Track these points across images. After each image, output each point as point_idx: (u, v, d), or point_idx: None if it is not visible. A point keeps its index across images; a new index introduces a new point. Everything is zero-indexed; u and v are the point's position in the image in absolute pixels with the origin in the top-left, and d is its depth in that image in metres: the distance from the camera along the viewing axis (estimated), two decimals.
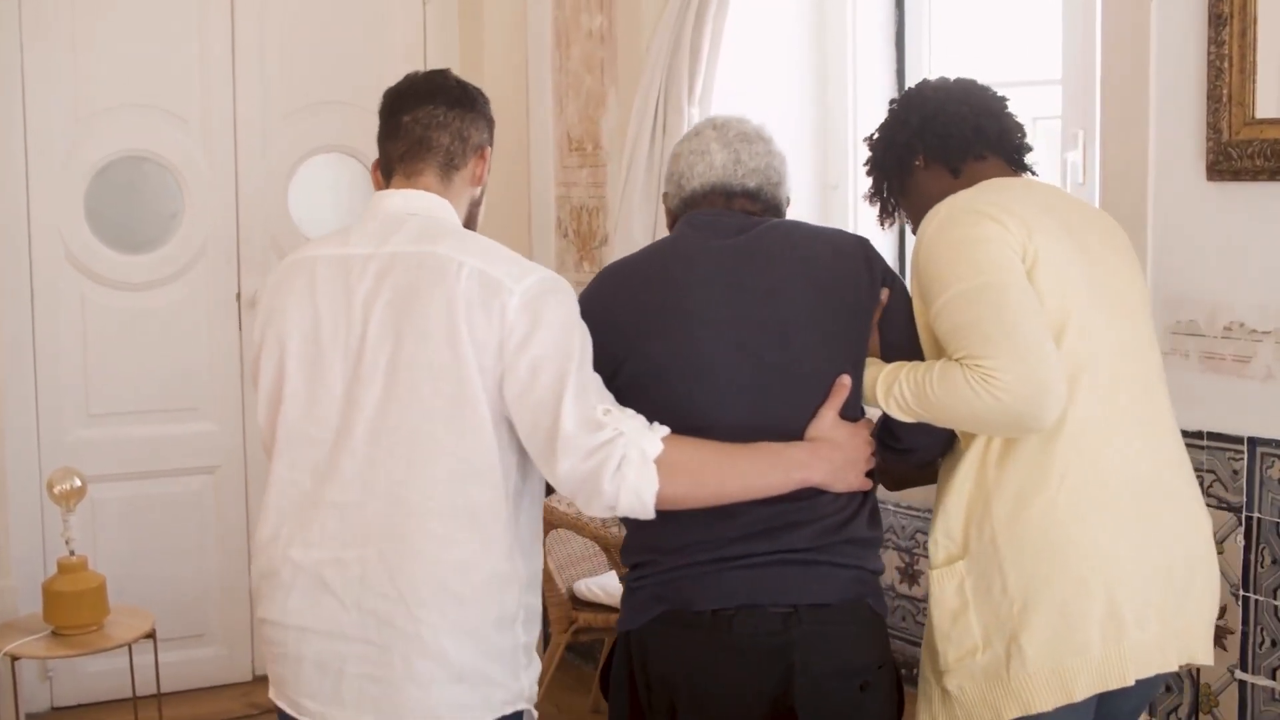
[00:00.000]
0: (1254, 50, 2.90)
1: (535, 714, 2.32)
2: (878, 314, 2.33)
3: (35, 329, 4.52)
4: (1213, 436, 3.10)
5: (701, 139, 2.46)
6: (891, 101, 2.63)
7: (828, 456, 2.23)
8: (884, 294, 2.33)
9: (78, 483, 4.03)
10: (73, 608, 3.97)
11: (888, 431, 2.35)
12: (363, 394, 2.16)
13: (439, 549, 2.14)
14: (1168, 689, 3.24)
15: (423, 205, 2.29)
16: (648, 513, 2.12)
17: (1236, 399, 3.05)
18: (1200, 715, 3.18)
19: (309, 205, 4.85)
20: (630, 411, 2.16)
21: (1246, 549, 3.06)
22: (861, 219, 4.65)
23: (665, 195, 2.53)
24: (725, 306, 2.26)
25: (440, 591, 2.14)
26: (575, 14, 4.80)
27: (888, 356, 2.33)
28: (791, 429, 2.26)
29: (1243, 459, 3.05)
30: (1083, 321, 2.25)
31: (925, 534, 2.99)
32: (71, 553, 4.02)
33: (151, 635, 4.06)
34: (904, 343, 2.33)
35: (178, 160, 4.65)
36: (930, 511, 2.43)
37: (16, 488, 4.46)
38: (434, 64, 4.89)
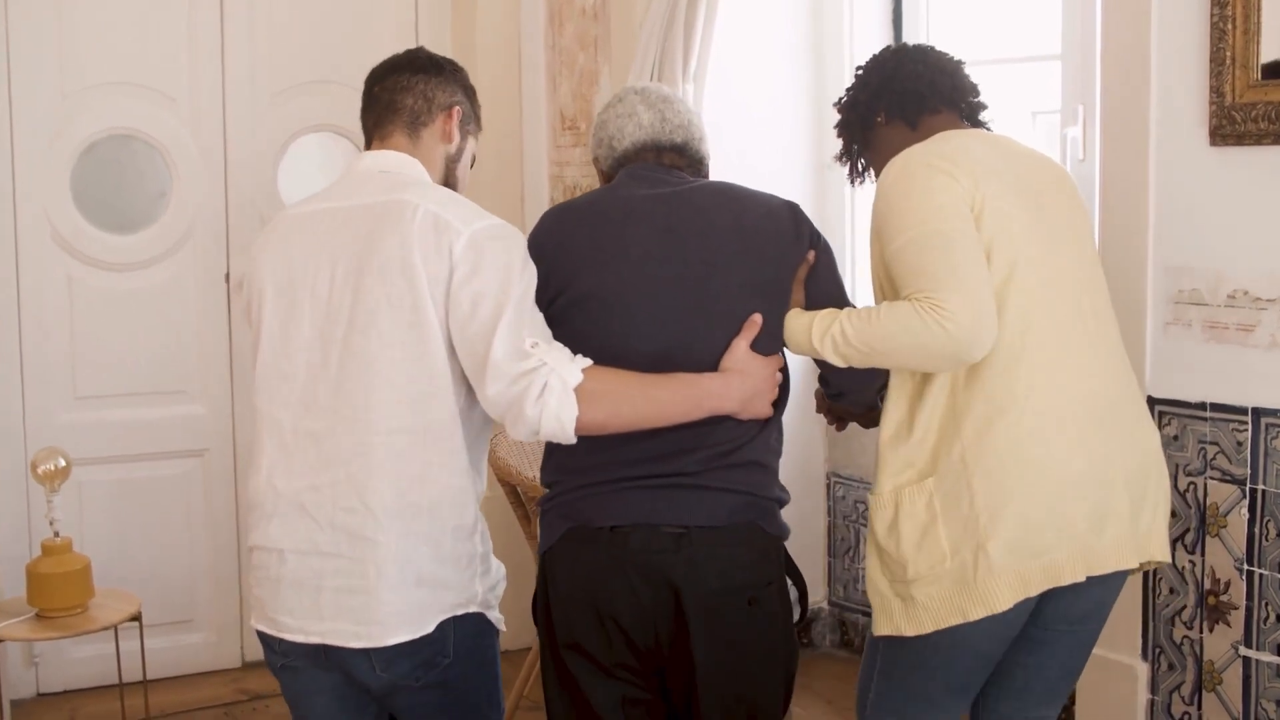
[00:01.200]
0: (1258, 10, 2.85)
1: (500, 618, 2.50)
2: (803, 271, 2.50)
3: (20, 310, 4.44)
4: (1216, 408, 3.05)
5: (626, 104, 2.66)
6: (857, 68, 2.82)
7: (738, 386, 2.41)
8: (810, 254, 2.51)
9: (62, 463, 3.96)
10: (57, 589, 3.90)
11: (820, 377, 2.60)
12: (333, 329, 2.36)
13: (400, 464, 2.33)
14: (1170, 667, 3.18)
15: (393, 163, 2.51)
16: (568, 437, 2.31)
17: (1240, 369, 3.00)
18: (1204, 693, 3.13)
19: (299, 185, 4.75)
20: (558, 345, 2.34)
21: (1251, 522, 3.01)
22: (859, 200, 4.60)
23: (596, 159, 2.71)
24: (655, 246, 2.46)
25: (403, 503, 2.33)
26: None
27: (811, 310, 2.50)
28: (704, 360, 2.43)
29: (1247, 430, 3.00)
30: (1033, 259, 2.46)
31: None
32: (56, 534, 3.95)
33: (137, 618, 3.99)
34: (827, 298, 2.52)
35: (165, 139, 4.57)
36: None
37: (1, 471, 4.40)
38: (426, 42, 4.83)
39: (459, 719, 2.48)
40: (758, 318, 2.43)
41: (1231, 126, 2.93)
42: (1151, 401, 3.14)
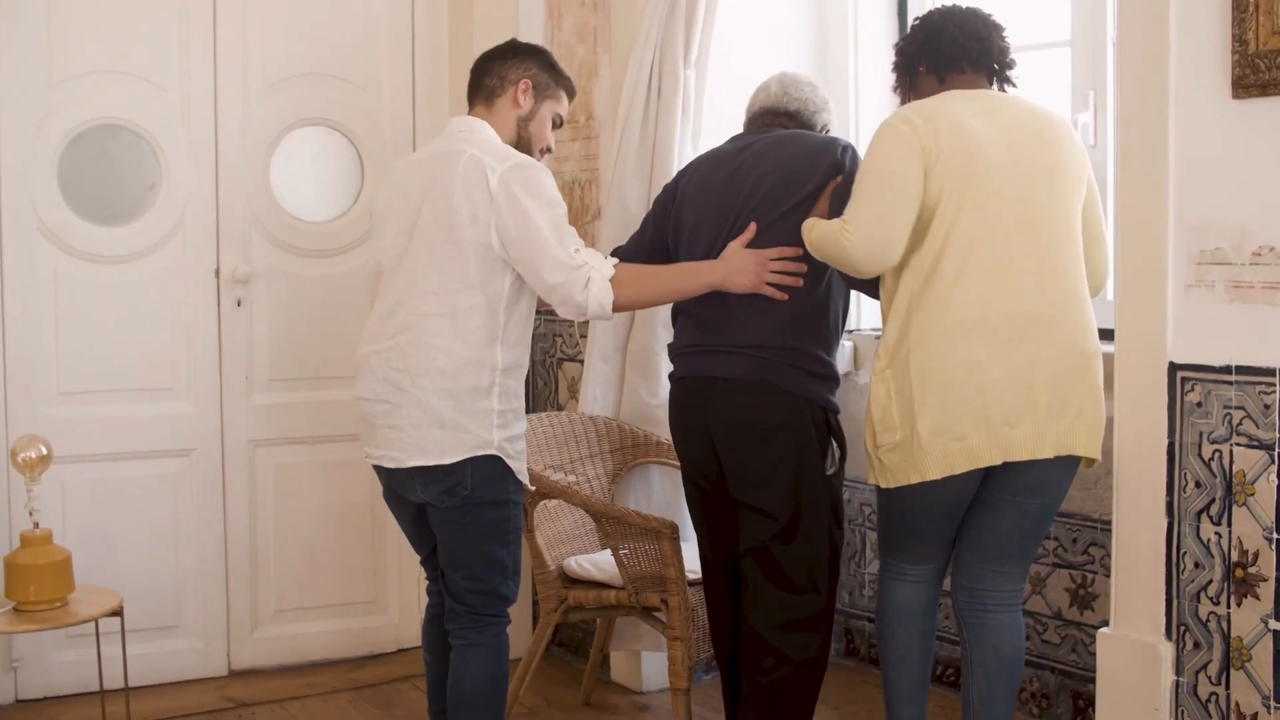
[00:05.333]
0: None
1: (523, 470, 3.31)
2: (830, 188, 3.31)
3: (5, 302, 4.32)
4: (1241, 370, 2.94)
5: (768, 81, 3.61)
6: (914, 19, 3.35)
7: (723, 267, 3.31)
8: (838, 178, 3.30)
9: (43, 450, 3.84)
10: (36, 582, 3.77)
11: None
12: (403, 240, 3.26)
13: (431, 338, 3.20)
14: (1195, 645, 3.05)
15: (468, 125, 3.37)
16: (608, 316, 3.26)
17: (1267, 329, 2.89)
18: (1231, 671, 2.99)
19: (292, 179, 4.67)
20: (592, 250, 3.26)
21: None
22: None
23: (744, 123, 3.65)
24: (723, 180, 3.44)
25: (431, 366, 3.20)
26: None
27: (830, 218, 3.24)
28: None
29: (1274, 392, 2.88)
30: (983, 201, 3.04)
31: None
32: (36, 525, 3.82)
33: (119, 613, 3.86)
34: (838, 212, 3.21)
35: (156, 130, 4.48)
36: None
37: None
38: (421, 36, 4.80)
39: (471, 539, 3.26)
40: (753, 227, 3.33)
41: (1255, 76, 2.83)
42: (1174, 367, 3.04)
